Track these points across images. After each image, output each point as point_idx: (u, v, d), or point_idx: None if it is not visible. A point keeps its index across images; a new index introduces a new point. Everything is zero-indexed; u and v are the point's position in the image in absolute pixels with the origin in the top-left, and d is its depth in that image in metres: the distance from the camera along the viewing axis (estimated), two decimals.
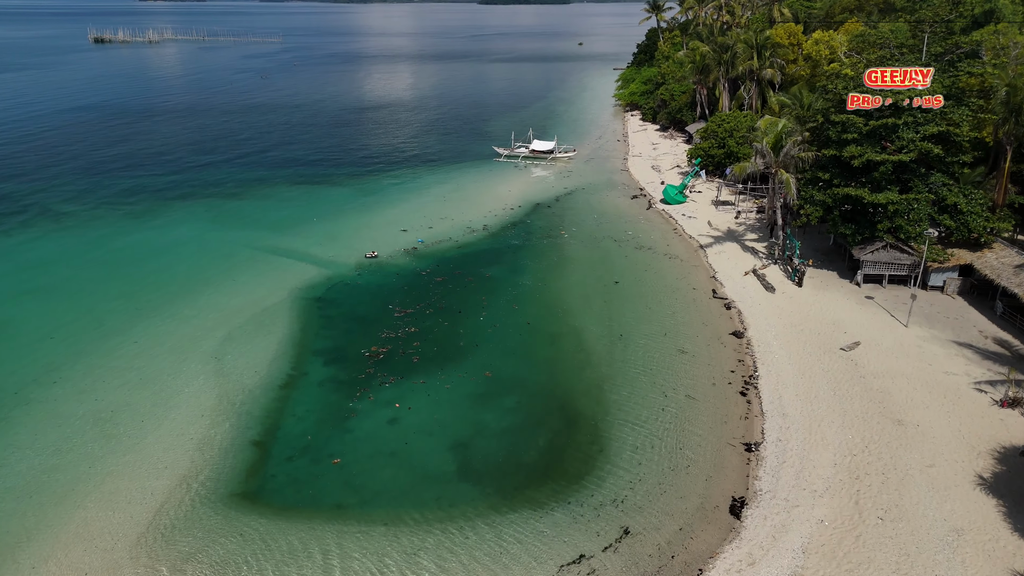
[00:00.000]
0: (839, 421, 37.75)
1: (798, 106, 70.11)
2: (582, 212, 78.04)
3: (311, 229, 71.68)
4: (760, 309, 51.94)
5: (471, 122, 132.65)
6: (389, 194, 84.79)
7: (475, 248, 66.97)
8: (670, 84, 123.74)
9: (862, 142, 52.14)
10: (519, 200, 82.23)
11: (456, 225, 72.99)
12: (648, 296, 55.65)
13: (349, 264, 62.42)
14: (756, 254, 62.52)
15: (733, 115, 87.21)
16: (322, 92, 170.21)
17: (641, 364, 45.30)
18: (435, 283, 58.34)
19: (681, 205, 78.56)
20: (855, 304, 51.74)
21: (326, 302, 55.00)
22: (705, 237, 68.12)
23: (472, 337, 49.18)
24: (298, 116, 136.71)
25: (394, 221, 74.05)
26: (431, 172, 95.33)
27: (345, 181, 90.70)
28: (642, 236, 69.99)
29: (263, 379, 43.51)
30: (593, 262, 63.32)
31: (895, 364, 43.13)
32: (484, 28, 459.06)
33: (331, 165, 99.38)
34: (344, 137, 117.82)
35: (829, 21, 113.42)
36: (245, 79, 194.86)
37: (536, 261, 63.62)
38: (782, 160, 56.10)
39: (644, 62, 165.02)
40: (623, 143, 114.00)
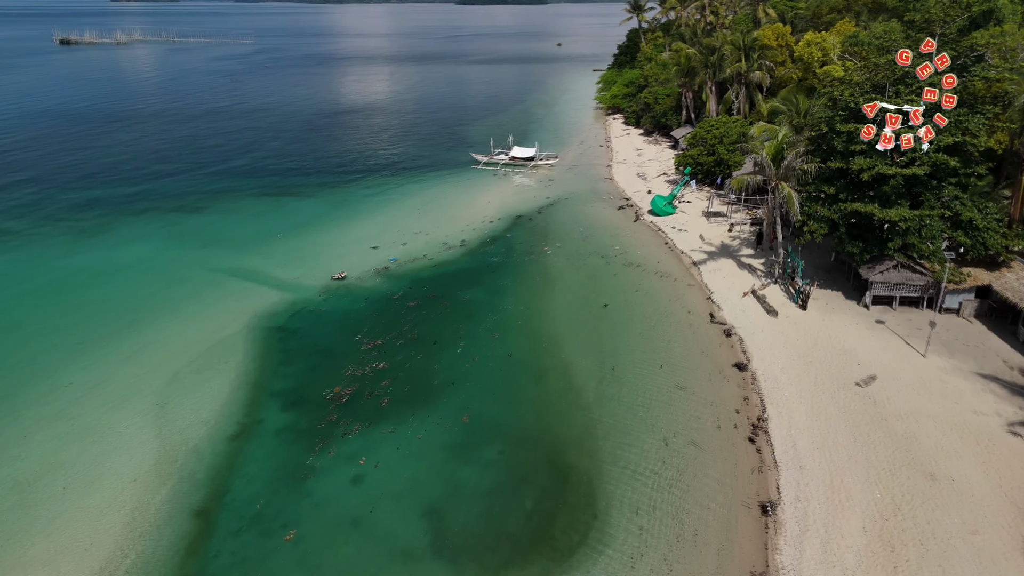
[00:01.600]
0: (864, 474, 33.42)
1: (793, 112, 66.09)
2: (566, 225, 73.43)
3: (276, 247, 66.39)
4: (763, 336, 47.61)
5: (448, 127, 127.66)
6: (361, 206, 79.62)
7: (452, 267, 62.10)
8: (653, 87, 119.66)
9: (871, 153, 48.01)
10: (499, 212, 77.47)
11: (431, 241, 68.06)
12: (640, 321, 51.14)
13: (315, 287, 57.28)
14: (754, 272, 58.27)
15: (722, 120, 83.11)
16: (294, 95, 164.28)
17: (637, 404, 40.74)
18: (407, 309, 53.41)
19: (670, 217, 74.23)
20: (865, 330, 47.57)
21: (288, 332, 49.85)
22: (698, 252, 63.78)
23: (448, 373, 44.33)
24: (268, 121, 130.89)
25: (365, 237, 68.94)
26: (406, 182, 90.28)
27: (315, 192, 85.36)
28: (631, 251, 65.52)
29: (211, 430, 38.35)
30: (579, 282, 58.72)
31: (918, 402, 38.93)
32: (461, 29, 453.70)
33: (301, 174, 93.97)
34: (316, 144, 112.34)
35: (816, 22, 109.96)
36: (214, 82, 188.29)
37: (518, 281, 58.89)
38: (783, 172, 51.86)
39: (625, 64, 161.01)
40: (606, 149, 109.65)
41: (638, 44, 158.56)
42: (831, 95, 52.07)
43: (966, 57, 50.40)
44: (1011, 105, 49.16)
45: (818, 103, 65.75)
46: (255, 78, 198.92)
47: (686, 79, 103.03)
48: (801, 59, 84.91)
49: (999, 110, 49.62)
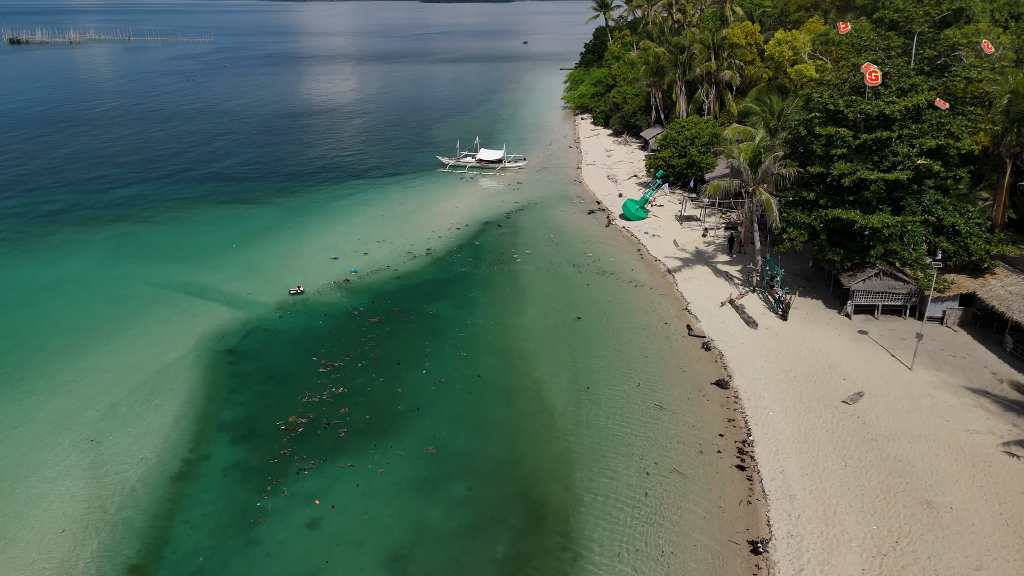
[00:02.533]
0: (858, 504, 31.29)
1: (767, 112, 64.27)
2: (536, 231, 70.79)
3: (229, 259, 62.65)
4: (744, 350, 45.45)
5: (413, 128, 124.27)
6: (321, 214, 76.08)
7: (417, 278, 59.06)
8: (622, 86, 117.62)
9: (851, 158, 46.13)
10: (466, 218, 74.55)
11: (396, 250, 64.91)
12: (615, 335, 48.67)
13: (270, 303, 53.82)
14: (731, 280, 56.22)
15: (693, 121, 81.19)
16: (253, 96, 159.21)
17: (614, 428, 38.23)
18: (369, 325, 50.26)
19: (643, 221, 72.02)
20: (848, 341, 45.70)
21: (240, 355, 46.38)
22: (672, 259, 61.60)
23: (413, 397, 41.36)
24: (224, 124, 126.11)
25: (325, 247, 65.52)
26: (369, 187, 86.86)
27: (272, 199, 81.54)
28: (603, 259, 63.11)
29: (151, 469, 34.90)
30: (551, 293, 56.12)
31: (908, 421, 37.01)
32: (426, 27, 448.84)
33: (258, 180, 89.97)
34: (274, 147, 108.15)
35: (784, 20, 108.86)
36: (169, 82, 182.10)
37: (487, 293, 56.08)
38: (760, 177, 49.81)
39: (593, 62, 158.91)
40: (575, 150, 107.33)
41: (605, 43, 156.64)
42: (809, 96, 50.08)
43: (946, 57, 48.80)
44: (992, 106, 47.67)
45: (792, 104, 64.05)
46: (212, 78, 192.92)
47: (655, 79, 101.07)
48: (772, 58, 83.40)
49: (981, 111, 48.11)
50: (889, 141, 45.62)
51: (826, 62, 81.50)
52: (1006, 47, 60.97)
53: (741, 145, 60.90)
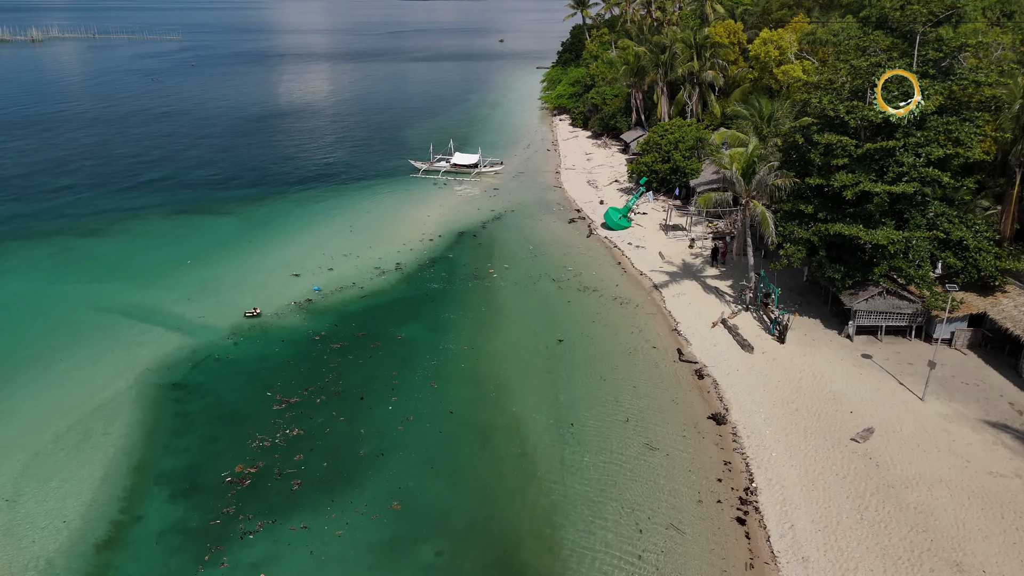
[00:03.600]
0: (880, 567, 27.68)
1: (756, 116, 60.81)
2: (513, 242, 66.76)
3: (183, 277, 57.88)
4: (740, 377, 41.81)
5: (385, 130, 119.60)
6: (285, 224, 71.41)
7: (385, 297, 54.78)
8: (601, 87, 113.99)
9: (853, 168, 42.64)
10: (440, 228, 70.33)
11: (363, 264, 60.54)
12: (600, 361, 44.80)
13: (223, 328, 49.25)
14: (722, 297, 52.62)
15: (677, 124, 77.65)
16: (219, 97, 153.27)
17: (602, 472, 34.36)
18: (331, 352, 45.92)
19: (626, 231, 68.27)
20: (852, 366, 42.23)
21: (186, 390, 41.86)
22: (659, 273, 57.90)
23: (377, 439, 37.15)
24: (188, 126, 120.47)
25: (287, 262, 60.98)
26: (337, 194, 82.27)
27: (233, 208, 76.65)
28: (585, 273, 59.26)
29: (73, 536, 30.40)
30: (530, 312, 52.14)
31: (926, 463, 33.54)
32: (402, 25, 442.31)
33: (220, 187, 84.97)
34: (238, 151, 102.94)
35: (767, 18, 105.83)
36: (133, 82, 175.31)
37: (461, 313, 51.97)
38: (754, 189, 46.19)
39: (570, 61, 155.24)
40: (554, 153, 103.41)
41: (583, 41, 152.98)
42: (806, 101, 46.56)
43: (952, 59, 45.53)
44: (1001, 112, 44.47)
45: (782, 107, 60.66)
46: (178, 78, 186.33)
47: (635, 79, 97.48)
48: (757, 58, 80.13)
49: (989, 118, 44.88)
50: (893, 151, 42.17)
51: (813, 62, 78.42)
52: (1005, 48, 58.06)
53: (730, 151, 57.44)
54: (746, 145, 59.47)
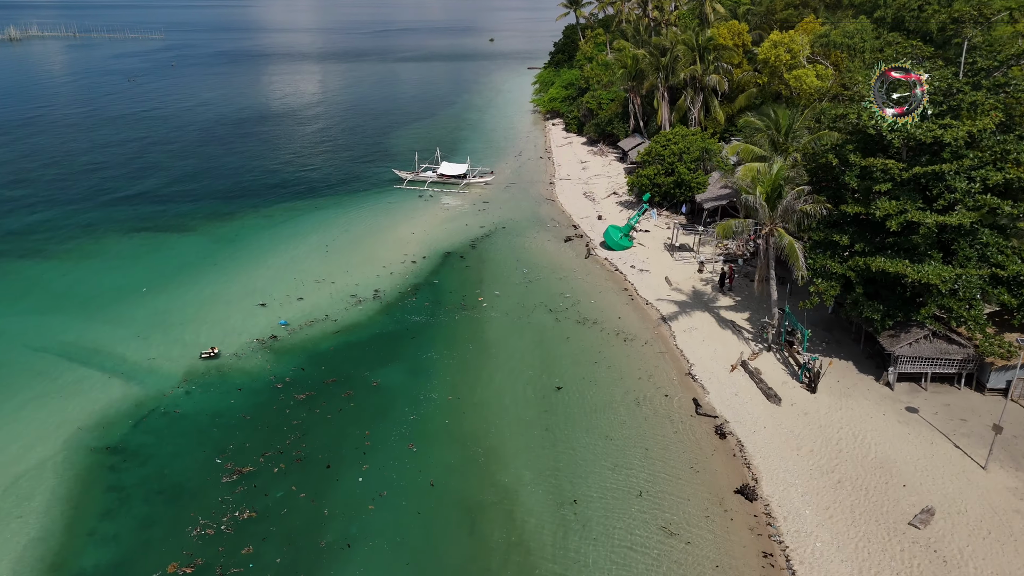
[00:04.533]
0: None
1: (772, 127, 55.18)
2: (505, 265, 60.90)
3: (135, 308, 51.75)
4: (768, 437, 36.15)
5: (370, 136, 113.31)
6: (255, 244, 65.28)
7: (361, 332, 48.81)
8: (595, 90, 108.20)
9: (897, 194, 37.02)
10: (425, 247, 64.37)
11: (337, 292, 54.53)
12: (605, 414, 39.02)
13: (175, 372, 43.19)
14: (739, 332, 46.94)
15: (680, 133, 71.96)
16: (197, 99, 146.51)
17: (613, 566, 28.59)
18: (295, 405, 39.94)
19: (628, 251, 62.53)
20: (896, 423, 36.64)
21: (124, 456, 35.81)
22: (666, 303, 52.18)
23: (343, 523, 31.23)
24: (162, 131, 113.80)
25: (254, 289, 54.92)
26: (314, 208, 76.12)
27: (200, 225, 70.39)
28: (584, 301, 53.48)
29: None
30: (524, 351, 46.28)
31: (1003, 559, 27.93)
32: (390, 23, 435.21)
33: (189, 200, 78.66)
34: (212, 160, 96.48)
35: (771, 19, 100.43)
36: (109, 83, 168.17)
37: (446, 352, 46.07)
38: (780, 215, 40.51)
39: (563, 62, 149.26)
40: (547, 161, 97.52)
41: (576, 41, 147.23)
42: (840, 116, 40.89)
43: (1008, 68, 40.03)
44: None
45: (801, 118, 55.08)
46: (157, 78, 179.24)
47: (633, 83, 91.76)
48: (766, 62, 74.52)
49: None
50: (944, 175, 36.56)
51: (826, 66, 72.96)
52: None
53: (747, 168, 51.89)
54: (763, 159, 54.03)
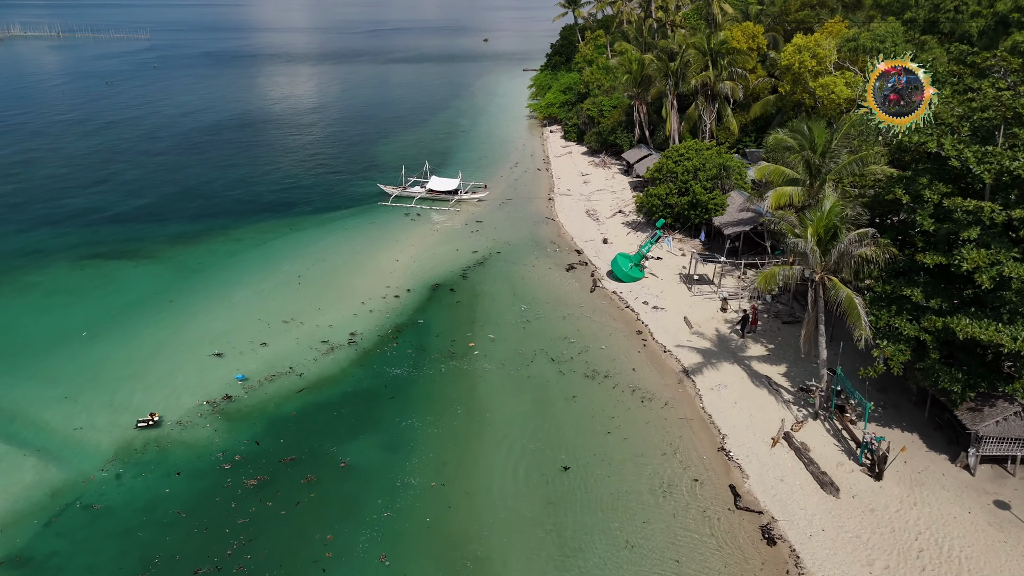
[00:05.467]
0: None
1: (806, 145, 48.03)
2: (501, 299, 53.73)
3: (70, 359, 44.42)
4: (830, 545, 29.03)
5: (356, 144, 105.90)
6: (220, 275, 57.97)
7: (330, 390, 41.57)
8: (597, 95, 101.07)
9: (987, 241, 29.98)
10: (410, 278, 57.17)
11: (306, 336, 47.28)
12: (624, 509, 31.84)
13: (104, 447, 35.92)
14: (776, 392, 39.82)
15: (694, 148, 64.85)
16: (176, 103, 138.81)
17: None
18: (244, 494, 32.68)
19: (638, 283, 55.42)
20: (987, 525, 29.59)
21: (27, 571, 28.51)
22: (687, 350, 45.06)
23: None
24: (132, 139, 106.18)
25: (212, 333, 47.65)
26: (290, 230, 68.72)
27: (161, 251, 63.01)
28: (592, 347, 46.34)
29: None
30: (523, 417, 39.09)
31: None
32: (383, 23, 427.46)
33: (152, 220, 71.23)
34: (184, 172, 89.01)
35: (785, 20, 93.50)
36: (85, 86, 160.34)
37: (430, 419, 38.85)
38: (834, 263, 33.41)
39: (560, 65, 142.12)
40: (545, 173, 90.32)
41: (574, 43, 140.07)
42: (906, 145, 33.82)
43: None
44: None
45: (839, 135, 47.97)
46: (136, 81, 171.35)
47: (639, 90, 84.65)
48: (789, 68, 67.47)
49: None
50: None
51: (856, 73, 66.00)
52: None
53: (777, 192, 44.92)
54: (795, 183, 47.02)
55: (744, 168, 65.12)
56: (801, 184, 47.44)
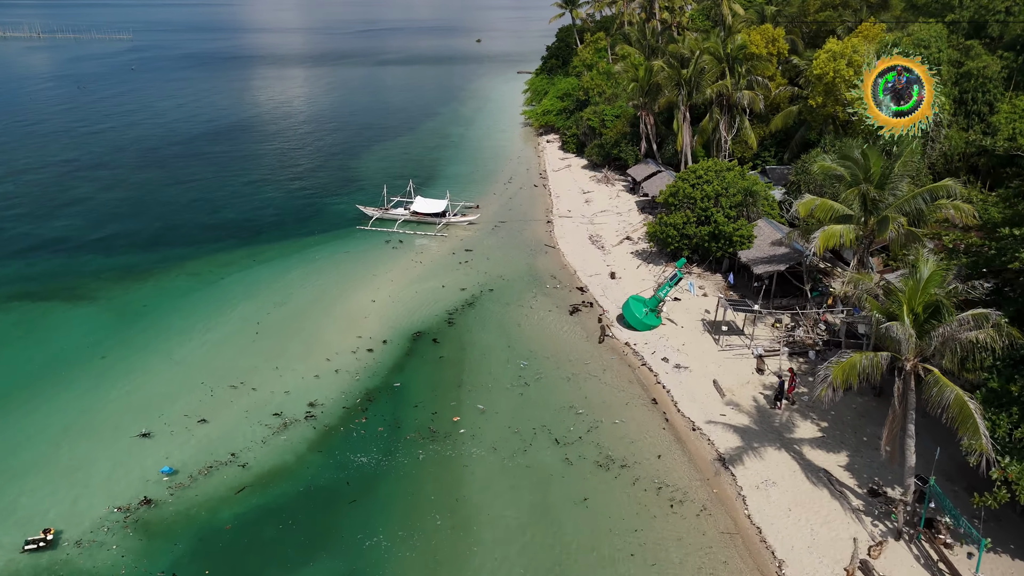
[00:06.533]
0: None
1: (859, 175, 39.88)
2: (493, 354, 45.41)
3: None
4: None
5: (336, 157, 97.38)
6: (165, 320, 49.55)
7: (279, 487, 33.20)
8: (598, 103, 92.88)
9: None
10: (386, 325, 48.90)
11: (256, 407, 38.93)
12: None
13: None
14: (838, 492, 31.58)
15: (714, 168, 56.72)
16: (149, 110, 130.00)
17: None
18: None
19: (655, 332, 47.19)
20: None
21: None
22: (722, 428, 36.82)
23: None
24: (93, 151, 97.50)
25: (140, 403, 39.26)
26: (253, 262, 60.29)
27: (104, 290, 54.63)
28: (604, 422, 38.08)
29: None
30: (520, 529, 30.80)
31: None
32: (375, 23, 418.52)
33: (100, 251, 62.82)
34: (144, 191, 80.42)
35: (803, 21, 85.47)
36: (56, 91, 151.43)
37: (401, 535, 30.50)
38: (934, 349, 25.27)
39: (557, 68, 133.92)
40: (542, 190, 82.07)
41: (571, 45, 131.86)
42: None
43: None
44: None
45: (902, 163, 39.84)
46: (111, 85, 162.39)
47: (646, 99, 76.49)
48: (821, 78, 59.31)
49: None
50: None
51: None
52: None
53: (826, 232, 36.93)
54: (847, 220, 38.96)
55: (770, 192, 57.10)
56: (855, 222, 39.35)
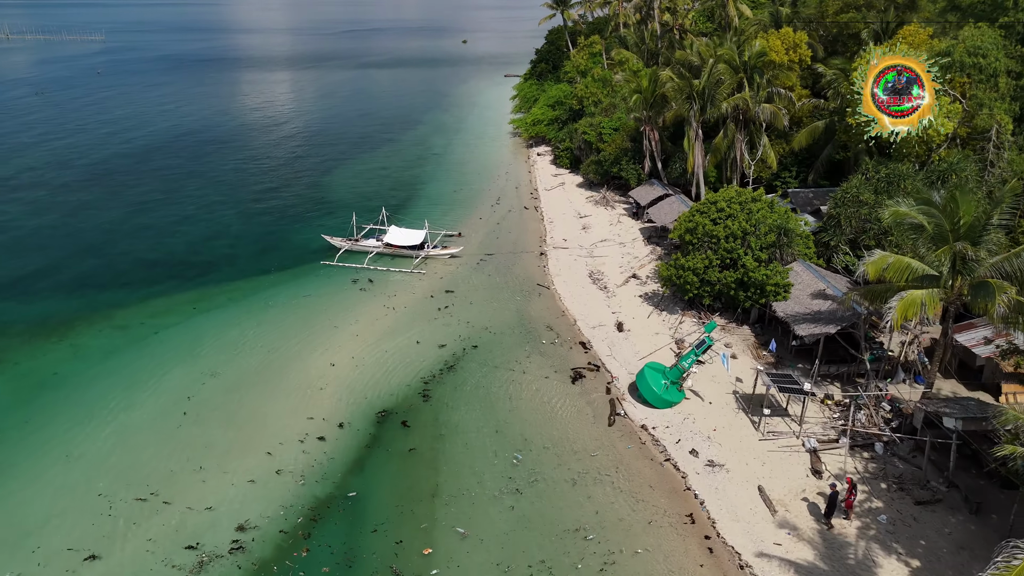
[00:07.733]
0: None
1: (944, 224, 31.10)
2: (477, 443, 36.34)
3: None
4: None
5: (305, 173, 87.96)
6: (70, 397, 40.23)
7: None
8: (594, 114, 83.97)
9: None
10: (346, 399, 39.81)
11: (166, 534, 29.76)
12: None
13: None
14: None
15: (738, 200, 47.94)
16: (107, 117, 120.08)
17: None
18: None
19: (678, 412, 38.25)
20: None
21: None
22: (778, 565, 27.86)
23: None
24: (37, 167, 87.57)
25: (13, 529, 29.97)
26: (193, 311, 51.01)
27: (6, 351, 45.29)
28: (625, 552, 29.21)
29: None
30: None
31: None
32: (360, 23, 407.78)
33: (13, 296, 53.55)
34: (83, 216, 70.82)
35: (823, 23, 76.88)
36: (12, 97, 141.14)
37: None
38: None
39: (547, 73, 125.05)
40: (533, 213, 73.07)
41: (563, 48, 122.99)
42: None
43: None
44: None
45: (998, 209, 31.12)
46: (74, 90, 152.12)
47: (650, 112, 67.67)
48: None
49: None
50: None
51: (954, 99, 49.42)
52: None
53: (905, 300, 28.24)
54: (933, 281, 30.28)
55: (806, 228, 48.44)
56: (942, 285, 30.62)
